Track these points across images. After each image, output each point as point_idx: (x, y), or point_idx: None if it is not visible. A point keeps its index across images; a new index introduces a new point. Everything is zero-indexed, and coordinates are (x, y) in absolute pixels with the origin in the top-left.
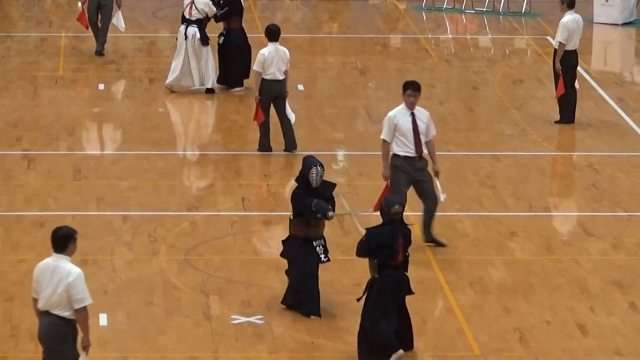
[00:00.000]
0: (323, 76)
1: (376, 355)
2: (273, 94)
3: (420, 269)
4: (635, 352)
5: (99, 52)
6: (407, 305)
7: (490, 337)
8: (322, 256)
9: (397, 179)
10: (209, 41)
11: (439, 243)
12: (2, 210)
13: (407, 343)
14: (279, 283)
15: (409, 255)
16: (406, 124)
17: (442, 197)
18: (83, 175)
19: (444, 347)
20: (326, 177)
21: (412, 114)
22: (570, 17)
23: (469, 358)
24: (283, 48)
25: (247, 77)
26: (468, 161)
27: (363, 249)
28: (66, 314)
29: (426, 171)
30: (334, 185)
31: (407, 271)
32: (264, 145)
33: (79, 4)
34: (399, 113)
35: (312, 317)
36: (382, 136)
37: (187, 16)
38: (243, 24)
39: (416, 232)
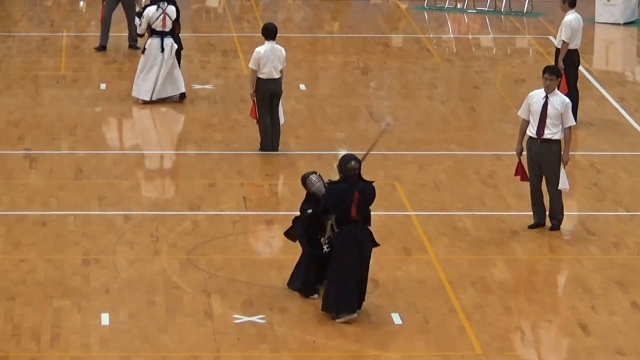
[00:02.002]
0: (325, 75)
1: (329, 310)
2: (269, 92)
3: (422, 268)
4: (637, 351)
5: (134, 46)
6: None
7: (492, 336)
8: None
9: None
10: None
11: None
12: (3, 209)
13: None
14: (281, 282)
15: (370, 210)
16: (537, 105)
17: (561, 185)
18: (85, 175)
19: (446, 347)
20: (327, 177)
21: (547, 97)
22: (572, 16)
23: (470, 357)
24: (279, 47)
25: None
26: (470, 160)
27: (321, 205)
28: None
29: (549, 155)
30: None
31: (369, 225)
32: (266, 145)
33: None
34: (536, 94)
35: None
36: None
37: (160, 28)
38: (245, 23)
39: (414, 227)
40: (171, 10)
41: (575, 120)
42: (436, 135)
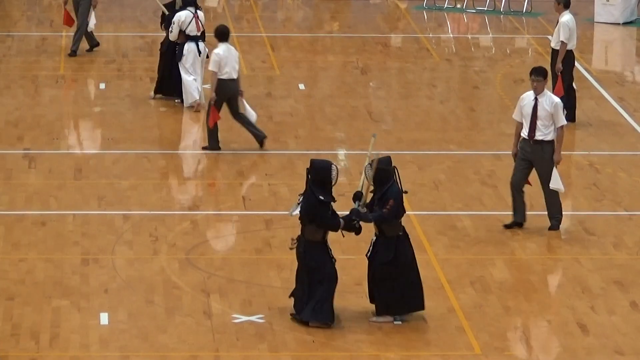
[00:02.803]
0: (324, 75)
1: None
2: (229, 93)
3: (421, 268)
4: (636, 351)
5: (74, 52)
6: None
7: (491, 336)
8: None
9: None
10: None
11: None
12: (3, 209)
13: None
14: (280, 282)
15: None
16: (528, 107)
17: (553, 185)
18: (84, 175)
19: (445, 346)
20: None
21: (536, 99)
22: (569, 17)
23: (469, 357)
24: (233, 48)
25: None
26: (469, 160)
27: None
28: None
29: (542, 156)
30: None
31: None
32: (214, 144)
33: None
34: (527, 96)
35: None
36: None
37: (195, 32)
38: (244, 23)
39: (414, 226)
40: (201, 14)
41: (575, 120)
42: (435, 135)
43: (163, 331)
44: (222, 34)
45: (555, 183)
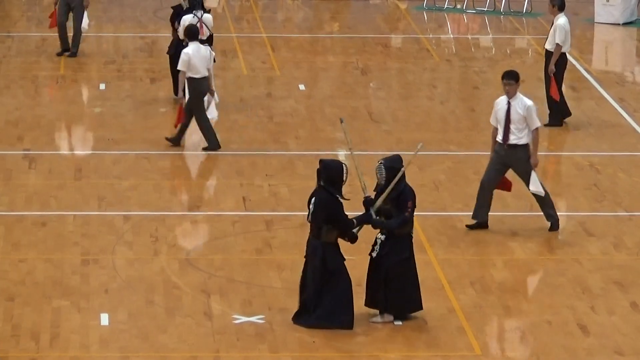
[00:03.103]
0: (324, 76)
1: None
2: (203, 91)
3: (421, 268)
4: (636, 352)
5: (74, 54)
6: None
7: (491, 336)
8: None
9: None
10: None
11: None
12: (3, 209)
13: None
14: (280, 283)
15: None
16: (501, 112)
17: (533, 189)
18: (84, 175)
19: (445, 347)
20: None
21: (509, 103)
22: (565, 19)
23: (470, 358)
24: (204, 47)
25: None
26: (469, 160)
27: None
28: None
29: (517, 160)
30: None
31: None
32: (215, 144)
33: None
34: (501, 101)
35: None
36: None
37: (199, 36)
38: (245, 23)
39: (414, 227)
40: (207, 18)
41: (561, 123)
42: (435, 136)
43: (163, 331)
44: (192, 34)
45: (535, 186)
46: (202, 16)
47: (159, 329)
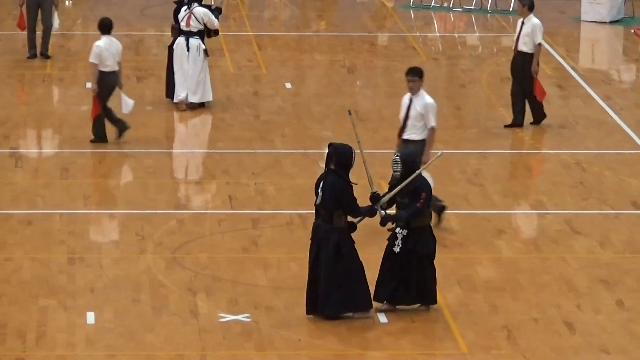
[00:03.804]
0: (311, 74)
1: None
2: (112, 85)
3: None
4: (622, 350)
5: (45, 54)
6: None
7: (478, 334)
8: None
9: None
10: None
11: None
12: None
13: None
14: (267, 281)
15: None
16: (403, 107)
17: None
18: (70, 174)
19: (432, 345)
20: (313, 175)
21: (411, 99)
22: (537, 19)
23: (456, 356)
24: (116, 40)
25: None
26: (455, 159)
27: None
28: None
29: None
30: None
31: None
32: (100, 135)
33: (19, 6)
34: (406, 97)
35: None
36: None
37: (185, 27)
38: (231, 22)
39: None
40: (198, 11)
41: (539, 122)
42: None
43: (149, 330)
44: (104, 26)
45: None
46: (193, 8)
47: (145, 328)
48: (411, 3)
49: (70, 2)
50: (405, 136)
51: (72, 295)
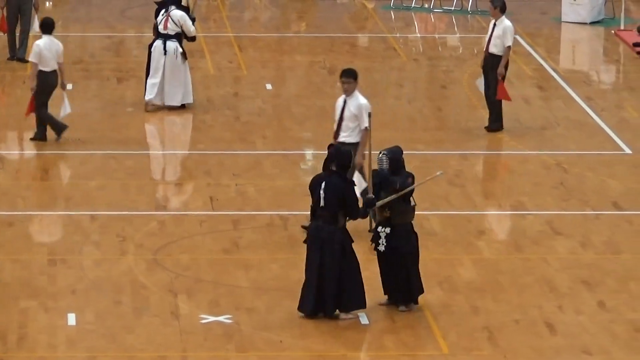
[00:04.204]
0: (291, 75)
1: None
2: (52, 85)
3: None
4: (603, 351)
5: (21, 58)
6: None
7: (459, 336)
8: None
9: None
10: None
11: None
12: None
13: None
14: (248, 282)
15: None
16: (337, 109)
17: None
18: (51, 175)
19: (413, 346)
20: (294, 177)
21: (345, 100)
22: (509, 22)
23: (437, 357)
24: (57, 41)
25: None
26: (436, 160)
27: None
28: None
29: None
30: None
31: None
32: (41, 134)
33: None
34: (340, 98)
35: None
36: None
37: (162, 30)
38: (211, 23)
39: None
40: (175, 14)
41: (502, 127)
42: (403, 135)
43: (130, 331)
44: (46, 26)
45: (359, 185)
46: (171, 10)
47: (127, 329)
48: (392, 4)
49: (51, 3)
50: (341, 138)
51: (53, 296)
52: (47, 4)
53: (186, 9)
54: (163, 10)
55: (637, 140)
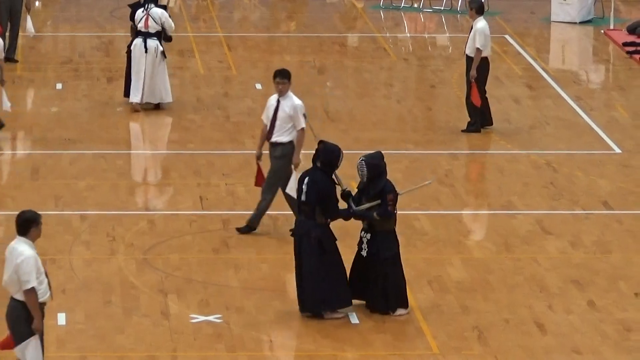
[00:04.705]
0: None
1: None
2: None
3: None
4: (593, 350)
5: (11, 58)
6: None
7: (449, 335)
8: None
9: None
10: None
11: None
12: None
13: None
14: (238, 282)
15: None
16: (269, 109)
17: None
18: (41, 175)
19: (403, 346)
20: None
21: (278, 101)
22: (484, 23)
23: (427, 357)
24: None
25: None
26: (426, 159)
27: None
28: (20, 297)
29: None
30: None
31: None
32: None
33: None
34: (272, 98)
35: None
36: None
37: (142, 29)
38: (201, 23)
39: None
40: (155, 12)
41: (492, 124)
42: (392, 135)
43: (121, 331)
44: None
45: (290, 188)
46: (150, 9)
47: (117, 329)
48: (381, 4)
49: (40, 3)
50: (274, 138)
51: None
52: (37, 3)
53: (164, 7)
54: (141, 10)
55: (627, 140)
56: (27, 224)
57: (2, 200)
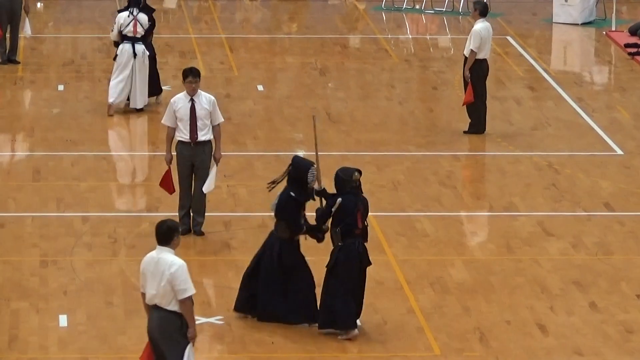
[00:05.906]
0: (282, 76)
1: (334, 326)
2: None
3: (380, 268)
4: (595, 352)
5: (14, 60)
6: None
7: (451, 336)
8: None
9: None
10: None
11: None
12: None
13: (357, 316)
14: (239, 283)
15: (367, 225)
16: (184, 110)
17: (206, 188)
18: (42, 176)
19: (404, 347)
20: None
21: (192, 100)
22: (482, 25)
23: (429, 358)
24: None
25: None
26: (428, 161)
27: (325, 214)
28: (173, 307)
29: (202, 157)
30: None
31: (366, 241)
32: None
33: None
34: (179, 99)
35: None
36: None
37: (131, 34)
38: (203, 24)
39: (373, 227)
40: (142, 17)
41: (484, 131)
42: (394, 136)
43: (122, 333)
44: None
45: (208, 186)
46: (137, 14)
47: (118, 330)
48: (383, 5)
49: (42, 4)
50: (201, 138)
51: (44, 298)
52: (38, 5)
53: (152, 9)
54: (127, 14)
55: (628, 141)
56: (170, 233)
57: (4, 201)
